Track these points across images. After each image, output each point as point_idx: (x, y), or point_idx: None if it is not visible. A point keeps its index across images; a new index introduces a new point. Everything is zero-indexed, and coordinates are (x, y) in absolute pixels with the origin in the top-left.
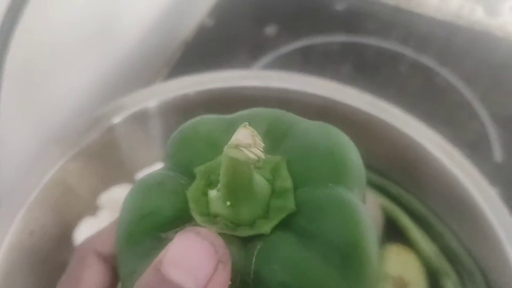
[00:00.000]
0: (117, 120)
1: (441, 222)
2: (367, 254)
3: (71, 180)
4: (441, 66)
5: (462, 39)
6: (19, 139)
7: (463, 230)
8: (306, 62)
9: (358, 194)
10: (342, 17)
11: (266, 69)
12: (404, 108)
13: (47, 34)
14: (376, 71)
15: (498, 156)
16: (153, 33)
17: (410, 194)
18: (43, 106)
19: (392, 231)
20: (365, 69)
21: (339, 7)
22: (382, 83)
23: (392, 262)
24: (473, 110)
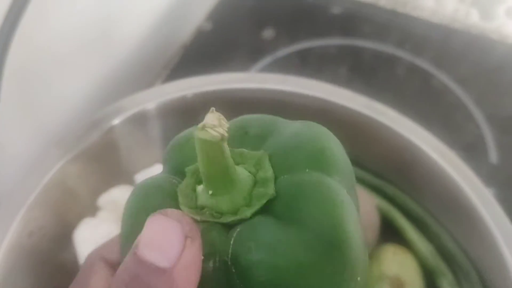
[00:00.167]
0: (116, 122)
1: (437, 222)
2: (345, 233)
3: (71, 181)
4: (437, 69)
5: (458, 42)
6: (19, 141)
7: (459, 231)
8: (304, 65)
9: (340, 181)
10: (339, 20)
11: (264, 72)
12: (400, 110)
13: (47, 38)
14: (373, 74)
15: (493, 157)
16: (152, 37)
17: (406, 195)
18: (43, 109)
19: (388, 232)
20: (362, 71)
21: (336, 11)
22: (379, 86)
23: (388, 262)
24: (468, 112)
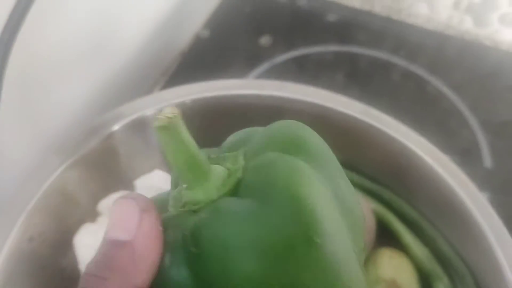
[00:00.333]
0: (115, 128)
1: (432, 226)
2: (307, 205)
3: (71, 187)
4: (431, 75)
5: (452, 49)
6: (19, 147)
7: (454, 234)
8: (300, 72)
9: (312, 164)
10: (334, 28)
11: (261, 78)
12: (396, 116)
13: (47, 45)
14: (368, 80)
15: (488, 162)
16: (150, 44)
17: (402, 199)
18: (43, 115)
19: (384, 236)
20: (357, 78)
21: (332, 18)
22: (375, 92)
23: (385, 266)
24: (463, 118)
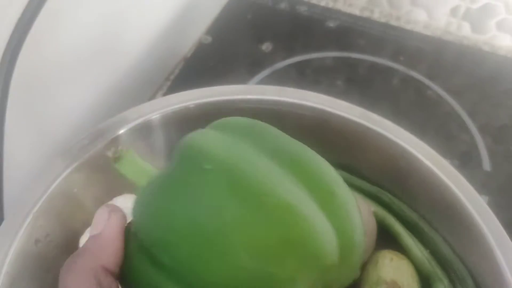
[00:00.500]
0: (120, 132)
1: (432, 228)
2: (195, 145)
3: (76, 190)
4: (431, 80)
5: (451, 54)
6: (25, 151)
7: (454, 237)
8: (301, 77)
9: (228, 133)
10: (334, 34)
11: (262, 84)
12: (396, 120)
13: (54, 50)
14: (368, 85)
15: (487, 165)
16: (154, 50)
17: (402, 202)
18: (49, 119)
19: (385, 238)
20: (357, 83)
21: (332, 24)
22: (374, 97)
23: (386, 267)
24: (462, 122)
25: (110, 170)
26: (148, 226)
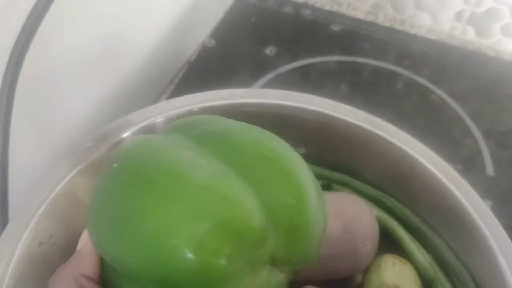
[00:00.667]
0: (125, 135)
1: (434, 233)
2: (124, 149)
3: (80, 192)
4: (435, 84)
5: (455, 59)
6: (30, 153)
7: (456, 241)
8: (305, 81)
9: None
10: (338, 38)
11: (265, 87)
12: (399, 125)
13: (58, 54)
14: (372, 89)
15: (490, 170)
16: (158, 53)
17: (404, 206)
18: (53, 122)
19: (387, 242)
20: (361, 87)
21: (336, 28)
22: (378, 101)
23: (388, 271)
24: (466, 127)
25: None
26: (95, 238)
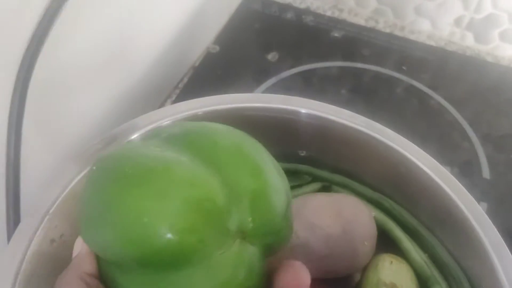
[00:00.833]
0: (132, 137)
1: (430, 233)
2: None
3: None
4: (434, 89)
5: (454, 64)
6: (41, 156)
7: (451, 241)
8: (306, 86)
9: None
10: (339, 44)
11: (268, 92)
12: (399, 129)
13: (68, 58)
14: (372, 94)
15: (486, 173)
16: (163, 59)
17: (402, 208)
18: (64, 124)
19: (385, 242)
20: (362, 92)
21: (337, 34)
22: (378, 106)
23: (385, 270)
24: (463, 131)
25: None
26: (85, 234)
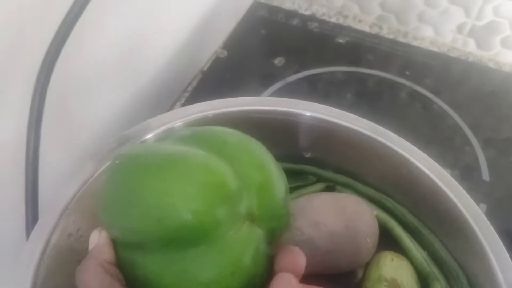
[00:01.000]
0: (146, 137)
1: (430, 232)
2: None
3: None
4: (436, 94)
5: (456, 70)
6: (59, 154)
7: (450, 239)
8: (312, 90)
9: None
10: (344, 49)
11: (274, 96)
12: (402, 133)
13: (84, 63)
14: (376, 99)
15: (486, 176)
16: (173, 63)
17: (403, 207)
18: (80, 125)
19: (387, 240)
20: (366, 97)
21: (342, 40)
22: (382, 110)
23: (387, 267)
24: (464, 135)
25: None
26: (109, 221)
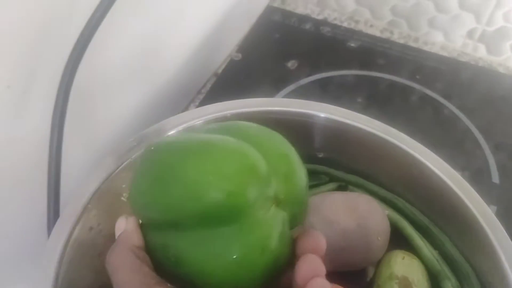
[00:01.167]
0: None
1: (441, 231)
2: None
3: (124, 186)
4: (447, 98)
5: (466, 74)
6: (81, 151)
7: (461, 239)
8: (324, 93)
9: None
10: (356, 53)
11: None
12: (413, 135)
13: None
14: (387, 102)
15: (496, 178)
16: (188, 66)
17: (414, 207)
18: (100, 124)
19: (398, 239)
20: (377, 100)
21: (353, 44)
22: (393, 113)
23: (398, 265)
24: (475, 139)
25: None
26: (145, 203)
